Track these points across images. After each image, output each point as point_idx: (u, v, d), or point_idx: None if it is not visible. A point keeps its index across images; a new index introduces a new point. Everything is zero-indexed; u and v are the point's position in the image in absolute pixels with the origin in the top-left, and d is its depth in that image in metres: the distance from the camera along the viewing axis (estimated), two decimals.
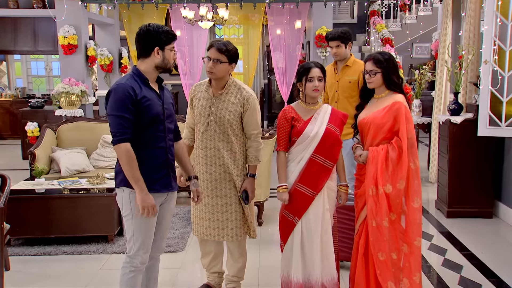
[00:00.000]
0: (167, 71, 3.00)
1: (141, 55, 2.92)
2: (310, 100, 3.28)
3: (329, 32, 4.49)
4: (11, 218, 4.20)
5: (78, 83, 8.09)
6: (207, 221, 3.52)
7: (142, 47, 2.91)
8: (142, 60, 2.93)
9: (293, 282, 3.21)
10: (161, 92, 2.99)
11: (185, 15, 8.53)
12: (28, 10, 9.53)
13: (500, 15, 4.97)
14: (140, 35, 2.91)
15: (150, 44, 2.88)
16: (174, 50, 2.98)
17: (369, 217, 3.15)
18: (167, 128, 2.98)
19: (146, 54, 2.90)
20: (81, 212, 4.71)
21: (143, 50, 2.91)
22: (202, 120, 3.42)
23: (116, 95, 2.78)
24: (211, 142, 3.42)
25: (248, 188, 3.49)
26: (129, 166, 2.78)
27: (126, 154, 2.77)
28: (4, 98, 11.61)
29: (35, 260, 4.50)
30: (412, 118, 3.33)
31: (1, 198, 3.90)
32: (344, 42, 4.42)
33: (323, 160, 3.21)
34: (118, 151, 2.79)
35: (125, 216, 2.95)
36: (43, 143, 6.05)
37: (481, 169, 5.47)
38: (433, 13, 9.97)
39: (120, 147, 2.77)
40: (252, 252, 4.53)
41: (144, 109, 2.83)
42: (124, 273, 2.97)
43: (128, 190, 2.88)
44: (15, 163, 8.56)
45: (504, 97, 5.04)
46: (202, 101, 3.42)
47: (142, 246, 2.94)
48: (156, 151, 2.93)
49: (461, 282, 3.94)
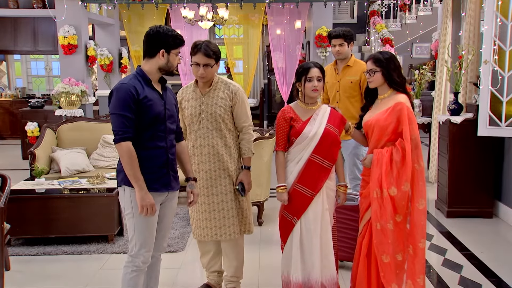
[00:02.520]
0: (169, 74, 3.02)
1: (146, 55, 2.95)
2: (309, 100, 3.28)
3: (332, 30, 4.49)
4: (11, 218, 4.20)
5: (78, 83, 8.09)
6: (204, 221, 3.53)
7: (148, 47, 2.94)
8: (146, 60, 2.96)
9: (293, 282, 3.21)
10: (163, 93, 3.01)
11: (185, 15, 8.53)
12: (28, 10, 9.52)
13: (500, 15, 4.97)
14: (149, 35, 2.93)
15: (156, 46, 2.90)
16: (180, 56, 3.01)
17: (374, 220, 3.14)
18: (168, 128, 2.99)
19: (152, 54, 2.93)
20: (81, 212, 4.72)
21: (148, 50, 2.94)
22: (194, 120, 3.46)
23: (119, 94, 2.81)
24: (205, 140, 3.45)
25: (244, 180, 3.51)
26: (130, 165, 2.80)
27: (127, 153, 2.79)
28: (4, 98, 11.61)
29: (35, 260, 4.50)
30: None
31: (1, 198, 3.91)
32: (347, 41, 4.42)
33: (322, 160, 3.21)
34: (119, 150, 2.81)
35: (127, 215, 2.96)
36: (43, 143, 6.05)
37: (481, 169, 5.47)
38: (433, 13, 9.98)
39: (122, 146, 2.80)
40: (252, 252, 4.53)
41: (145, 108, 2.85)
42: (126, 273, 2.97)
43: (129, 189, 2.90)
44: (15, 163, 8.56)
45: (504, 97, 5.04)
46: (191, 102, 3.46)
47: (144, 245, 2.95)
48: (156, 150, 2.94)
49: (461, 282, 3.95)
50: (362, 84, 4.45)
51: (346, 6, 12.80)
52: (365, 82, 4.46)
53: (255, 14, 10.02)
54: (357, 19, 12.95)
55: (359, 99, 4.50)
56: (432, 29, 10.20)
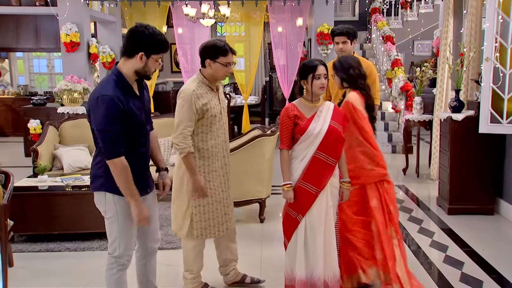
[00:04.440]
0: (146, 78, 2.86)
1: (125, 54, 2.75)
2: (315, 97, 3.27)
3: (335, 28, 4.47)
4: (14, 214, 4.20)
5: (81, 80, 8.10)
6: (224, 216, 3.54)
7: (129, 45, 2.74)
8: (124, 60, 2.77)
9: (297, 279, 3.21)
10: (141, 93, 2.89)
11: (187, 12, 8.53)
12: (30, 7, 9.54)
13: (502, 12, 4.96)
14: (132, 32, 2.73)
15: (137, 46, 2.71)
16: (160, 62, 2.84)
17: None
18: (147, 131, 2.96)
19: (130, 55, 2.74)
20: (83, 209, 4.71)
21: (128, 49, 2.74)
22: (217, 117, 3.40)
23: (106, 109, 2.66)
24: (225, 134, 3.50)
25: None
26: (125, 182, 2.73)
27: (122, 169, 2.71)
28: (7, 95, 11.61)
29: (38, 256, 4.50)
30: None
31: (4, 195, 3.92)
32: (350, 38, 4.40)
33: (326, 157, 3.20)
34: (113, 166, 2.71)
35: (109, 218, 2.89)
36: (46, 140, 6.05)
37: (482, 166, 5.46)
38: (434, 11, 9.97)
39: (115, 163, 2.70)
40: (255, 248, 4.54)
41: (129, 118, 2.75)
42: (111, 274, 2.94)
43: (111, 195, 2.83)
44: (17, 160, 8.56)
45: (505, 94, 5.02)
46: (212, 102, 3.38)
47: (128, 245, 2.92)
48: (139, 157, 2.90)
49: (462, 279, 3.94)
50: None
51: (347, 4, 12.76)
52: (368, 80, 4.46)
53: (256, 11, 10.02)
54: (359, 17, 12.92)
55: None
56: (434, 27, 10.19)
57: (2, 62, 12.18)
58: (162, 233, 4.86)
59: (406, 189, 6.73)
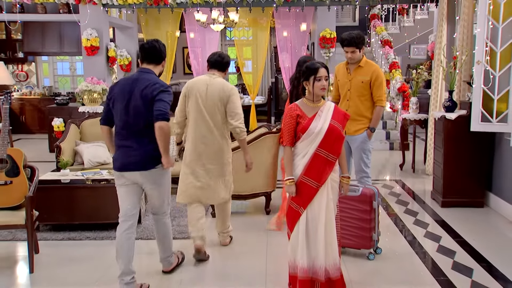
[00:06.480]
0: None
1: (153, 61, 3.48)
2: (316, 98, 3.27)
3: (344, 37, 4.38)
4: (39, 205, 4.24)
5: (100, 81, 8.13)
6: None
7: (159, 55, 3.47)
8: (155, 66, 3.49)
9: (299, 267, 3.21)
10: None
11: (198, 18, 8.53)
12: (54, 15, 9.59)
13: (492, 18, 4.93)
14: (158, 47, 3.47)
15: (162, 56, 3.49)
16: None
17: None
18: None
19: (158, 62, 3.51)
20: (102, 201, 4.73)
21: (159, 58, 3.48)
22: None
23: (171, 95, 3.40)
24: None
25: None
26: (167, 142, 3.27)
27: (168, 130, 3.25)
28: (33, 96, 11.67)
29: (61, 244, 4.54)
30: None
31: (30, 188, 3.95)
32: (358, 47, 4.36)
33: (326, 154, 3.20)
34: (165, 126, 3.21)
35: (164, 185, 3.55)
36: (68, 137, 6.08)
37: (474, 162, 5.43)
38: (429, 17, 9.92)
39: (168, 124, 3.24)
40: (261, 239, 4.54)
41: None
42: (169, 221, 3.74)
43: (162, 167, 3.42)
44: (42, 155, 8.62)
45: (495, 95, 5.00)
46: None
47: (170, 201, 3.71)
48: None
49: (454, 267, 3.93)
50: (373, 84, 4.41)
51: (348, 10, 12.71)
52: (375, 82, 4.42)
53: (263, 17, 10.00)
54: (359, 22, 12.86)
55: (369, 98, 4.46)
56: (429, 32, 10.13)
57: (29, 65, 12.25)
58: (175, 224, 4.88)
59: (402, 183, 6.70)
